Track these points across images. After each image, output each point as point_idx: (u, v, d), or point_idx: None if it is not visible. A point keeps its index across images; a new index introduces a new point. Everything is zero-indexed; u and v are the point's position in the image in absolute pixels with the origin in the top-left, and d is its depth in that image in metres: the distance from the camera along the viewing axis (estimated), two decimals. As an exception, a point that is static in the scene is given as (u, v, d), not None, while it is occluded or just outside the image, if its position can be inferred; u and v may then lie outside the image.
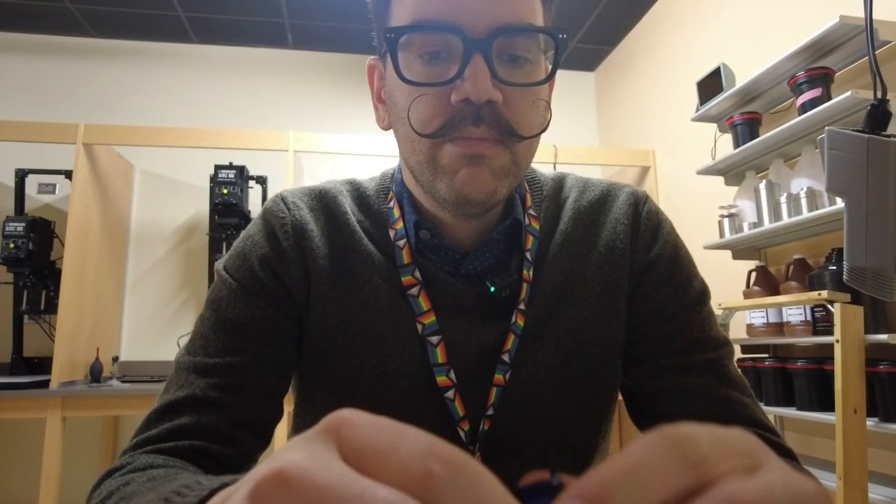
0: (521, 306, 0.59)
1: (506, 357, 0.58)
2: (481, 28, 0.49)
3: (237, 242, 0.62)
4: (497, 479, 0.17)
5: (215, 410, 0.54)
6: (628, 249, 0.62)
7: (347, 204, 0.64)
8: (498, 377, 0.58)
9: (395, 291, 0.59)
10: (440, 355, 0.57)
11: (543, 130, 0.54)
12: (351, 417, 0.18)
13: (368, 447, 0.17)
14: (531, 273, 0.60)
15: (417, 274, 0.59)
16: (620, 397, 0.66)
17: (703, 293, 0.63)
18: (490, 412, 0.58)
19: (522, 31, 0.51)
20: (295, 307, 0.60)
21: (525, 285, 0.59)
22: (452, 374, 0.57)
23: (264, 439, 0.58)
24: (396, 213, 0.61)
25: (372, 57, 0.60)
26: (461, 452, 0.17)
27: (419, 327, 0.58)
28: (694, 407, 0.57)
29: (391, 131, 0.59)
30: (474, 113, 0.49)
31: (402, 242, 0.60)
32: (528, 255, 0.60)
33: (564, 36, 0.52)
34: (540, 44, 0.53)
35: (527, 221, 0.62)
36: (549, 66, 0.54)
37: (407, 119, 0.52)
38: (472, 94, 0.48)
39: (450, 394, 0.57)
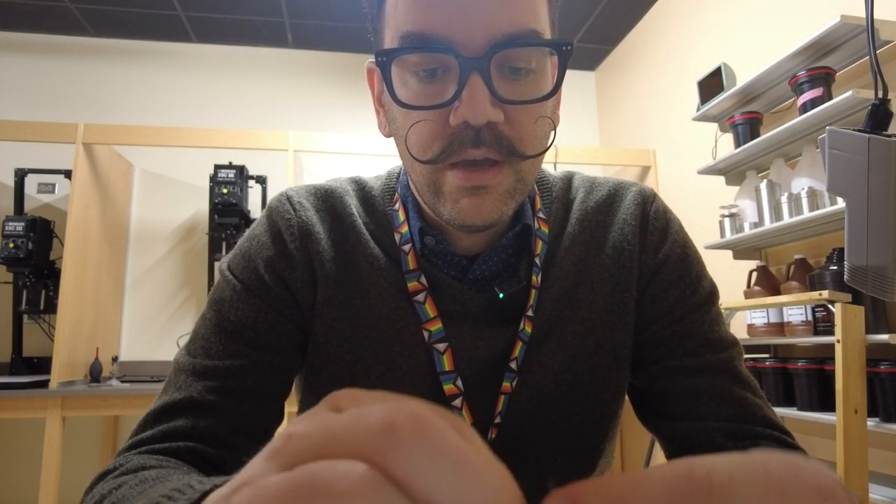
0: (530, 313, 0.57)
1: (513, 364, 0.57)
2: (477, 42, 0.46)
3: (242, 241, 0.61)
4: (462, 430, 0.17)
5: (212, 415, 0.53)
6: (636, 251, 0.61)
7: (354, 205, 0.62)
8: (505, 385, 0.57)
9: (400, 297, 0.58)
10: (447, 363, 0.56)
11: (550, 145, 0.52)
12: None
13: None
14: (539, 278, 0.59)
15: (423, 280, 0.57)
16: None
17: (712, 293, 0.62)
18: (497, 420, 0.57)
19: (521, 45, 0.47)
20: (300, 311, 0.58)
21: (533, 291, 0.58)
22: (459, 383, 0.56)
23: (262, 443, 0.56)
24: (402, 216, 0.59)
25: (371, 59, 0.58)
26: (425, 406, 0.17)
27: (425, 334, 0.57)
28: (708, 408, 0.56)
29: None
30: (474, 135, 0.47)
31: (407, 247, 0.58)
32: (536, 259, 0.59)
33: (569, 47, 0.49)
34: (544, 48, 0.50)
35: (536, 225, 0.60)
36: (557, 71, 0.51)
37: (405, 142, 0.50)
38: (469, 118, 0.46)
39: (457, 402, 0.56)
